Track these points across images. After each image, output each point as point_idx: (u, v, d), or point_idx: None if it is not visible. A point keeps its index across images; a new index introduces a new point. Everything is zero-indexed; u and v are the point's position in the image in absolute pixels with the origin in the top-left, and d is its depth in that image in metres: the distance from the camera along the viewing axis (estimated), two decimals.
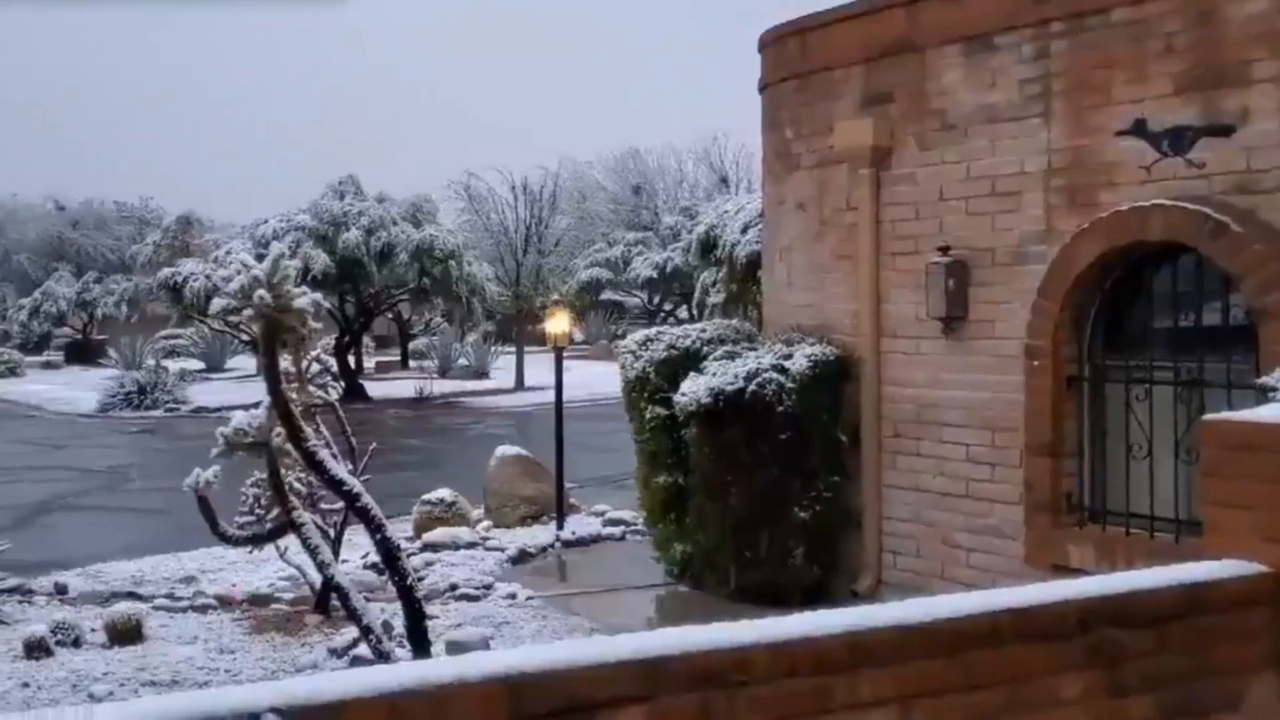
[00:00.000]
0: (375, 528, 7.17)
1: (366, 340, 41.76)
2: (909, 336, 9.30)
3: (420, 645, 7.13)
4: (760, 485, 9.54)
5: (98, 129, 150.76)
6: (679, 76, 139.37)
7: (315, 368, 9.15)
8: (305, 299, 6.74)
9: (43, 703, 7.76)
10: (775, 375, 9.45)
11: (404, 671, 2.92)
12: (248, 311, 6.59)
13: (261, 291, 6.51)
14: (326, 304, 29.39)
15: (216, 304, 6.98)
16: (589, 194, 56.79)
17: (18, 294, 62.96)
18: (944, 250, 8.84)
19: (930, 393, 9.13)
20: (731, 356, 9.92)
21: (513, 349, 38.55)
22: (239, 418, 7.37)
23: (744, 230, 16.29)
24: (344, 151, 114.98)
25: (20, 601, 10.49)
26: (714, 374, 9.72)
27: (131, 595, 10.69)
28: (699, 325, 11.34)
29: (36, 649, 8.78)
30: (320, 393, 9.28)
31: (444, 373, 40.13)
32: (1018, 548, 8.46)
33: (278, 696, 2.66)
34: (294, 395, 7.12)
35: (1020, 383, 8.43)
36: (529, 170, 38.91)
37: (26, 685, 8.15)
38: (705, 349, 10.38)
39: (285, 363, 7.09)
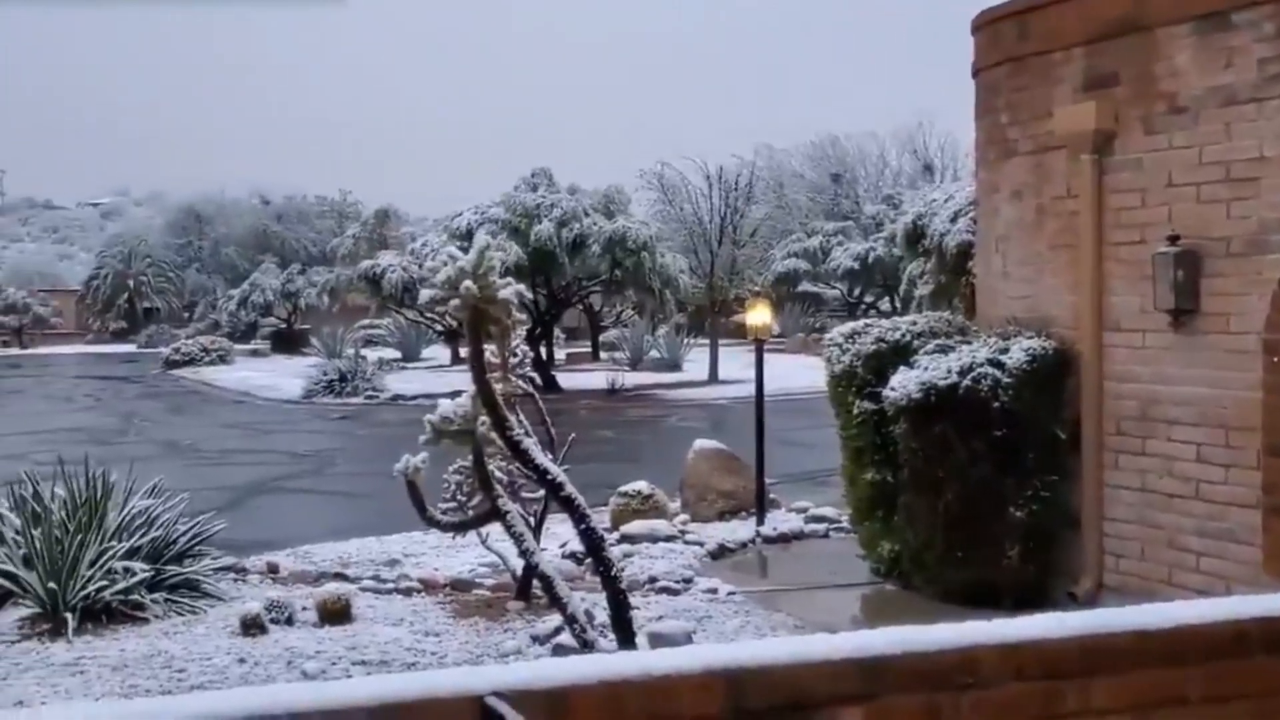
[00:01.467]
0: (579, 517, 7.14)
1: (557, 332, 42.20)
2: (1133, 330, 8.85)
3: (625, 635, 7.07)
4: (973, 483, 9.20)
5: (298, 128, 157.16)
6: (880, 61, 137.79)
7: (514, 358, 9.22)
8: (509, 290, 6.75)
9: (259, 679, 7.97)
10: (990, 370, 9.10)
11: (622, 660, 2.88)
12: (454, 302, 6.62)
13: (468, 282, 6.53)
14: (529, 294, 29.73)
15: (425, 294, 7.04)
16: (786, 183, 56.28)
17: (227, 285, 66.11)
18: (1173, 239, 8.38)
19: (1156, 389, 8.66)
20: (944, 350, 9.60)
21: (705, 341, 38.44)
22: (445, 405, 7.42)
23: (954, 219, 15.82)
24: (537, 143, 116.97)
25: (234, 580, 10.85)
26: (925, 368, 9.42)
27: (339, 576, 10.95)
28: (908, 318, 11.01)
29: (252, 626, 9.03)
30: (521, 382, 9.35)
31: (635, 365, 40.30)
32: (1254, 554, 7.95)
33: (495, 680, 2.62)
34: (497, 384, 7.13)
35: (1258, 379, 7.92)
36: (724, 159, 38.57)
37: (243, 661, 8.38)
38: (915, 342, 10.06)
39: (487, 352, 7.10)
